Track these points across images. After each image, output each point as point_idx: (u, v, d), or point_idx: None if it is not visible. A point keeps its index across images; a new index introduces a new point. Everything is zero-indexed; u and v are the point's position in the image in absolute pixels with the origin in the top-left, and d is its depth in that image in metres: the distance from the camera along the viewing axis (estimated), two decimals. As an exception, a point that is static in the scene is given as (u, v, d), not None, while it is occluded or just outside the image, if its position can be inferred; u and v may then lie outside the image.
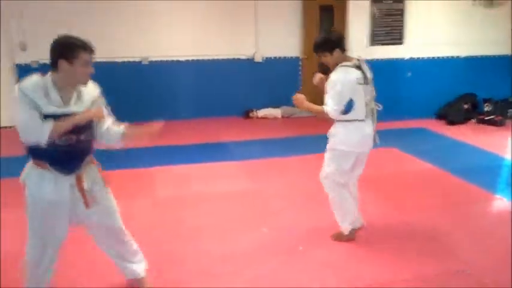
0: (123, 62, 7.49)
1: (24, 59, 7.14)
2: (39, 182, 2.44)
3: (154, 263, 3.22)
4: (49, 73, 2.42)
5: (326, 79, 3.28)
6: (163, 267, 3.21)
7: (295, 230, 3.70)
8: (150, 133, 2.74)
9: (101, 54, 7.23)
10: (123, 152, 5.93)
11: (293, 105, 8.14)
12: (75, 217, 2.56)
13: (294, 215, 4.01)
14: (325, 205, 4.07)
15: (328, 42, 3.25)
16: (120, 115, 7.63)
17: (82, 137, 2.47)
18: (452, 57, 8.07)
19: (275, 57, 8.04)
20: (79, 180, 2.49)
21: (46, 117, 2.31)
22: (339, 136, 3.33)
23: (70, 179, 2.47)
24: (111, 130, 2.67)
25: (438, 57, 8.02)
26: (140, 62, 7.54)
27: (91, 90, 2.57)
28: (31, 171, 2.47)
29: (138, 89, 7.64)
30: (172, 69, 7.71)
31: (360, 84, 3.19)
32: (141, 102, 7.64)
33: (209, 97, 7.85)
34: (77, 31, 7.68)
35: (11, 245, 3.38)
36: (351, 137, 3.29)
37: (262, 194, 4.52)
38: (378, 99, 3.42)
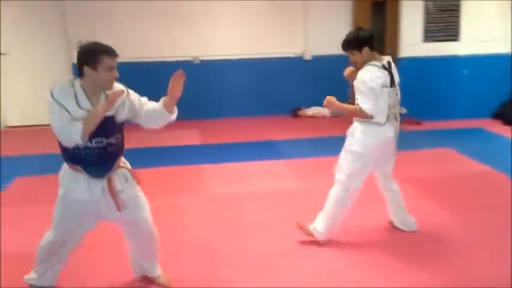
0: (175, 62, 7.64)
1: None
2: (73, 183, 2.55)
3: (208, 260, 3.29)
4: (78, 79, 2.50)
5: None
6: (217, 264, 3.25)
7: (344, 228, 3.65)
8: (177, 83, 2.87)
9: (153, 54, 7.58)
10: (174, 149, 6.13)
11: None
12: (105, 216, 2.67)
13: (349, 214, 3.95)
14: (374, 205, 4.03)
15: (357, 40, 3.17)
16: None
17: (112, 140, 2.56)
18: (509, 54, 7.72)
19: (324, 55, 7.96)
20: (110, 183, 2.58)
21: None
22: (357, 137, 3.22)
23: (102, 182, 2.57)
24: (149, 111, 2.76)
25: (495, 54, 7.68)
26: (191, 61, 7.67)
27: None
28: (66, 172, 2.59)
29: (188, 88, 7.65)
30: (222, 68, 7.79)
31: (385, 86, 3.08)
32: (192, 100, 7.72)
33: (258, 95, 7.88)
34: (130, 31, 7.97)
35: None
36: (368, 140, 3.19)
37: (311, 192, 4.48)
38: (432, 97, 3.33)
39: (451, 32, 7.45)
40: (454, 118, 7.22)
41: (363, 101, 3.09)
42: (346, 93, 8.08)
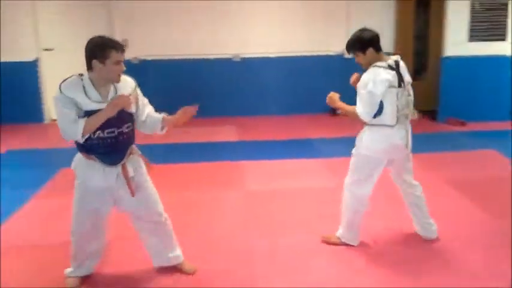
0: (216, 59, 7.74)
1: (125, 55, 7.59)
2: (89, 171, 2.67)
3: (243, 255, 3.33)
4: (87, 73, 2.61)
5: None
6: (251, 260, 3.29)
7: (379, 230, 3.61)
8: (186, 117, 2.86)
9: (194, 51, 7.69)
10: (211, 145, 6.21)
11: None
12: (118, 202, 2.79)
13: (380, 215, 3.90)
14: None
15: (360, 41, 3.05)
16: (211, 109, 7.96)
17: (123, 129, 2.66)
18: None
19: (366, 54, 7.86)
20: (124, 170, 2.69)
21: (87, 112, 2.52)
22: (365, 141, 3.14)
23: (116, 169, 2.68)
24: (151, 118, 2.82)
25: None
26: (231, 58, 7.73)
27: (127, 84, 2.73)
28: (81, 161, 2.71)
29: (228, 85, 7.85)
30: (262, 66, 7.83)
31: (392, 87, 2.96)
32: (232, 97, 7.85)
33: (297, 93, 7.87)
34: (173, 29, 8.12)
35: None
36: (376, 143, 3.10)
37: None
38: (477, 97, 3.22)
39: (497, 32, 7.20)
40: (499, 120, 7.00)
41: (358, 105, 3.02)
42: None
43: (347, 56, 7.62)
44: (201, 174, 5.09)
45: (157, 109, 2.96)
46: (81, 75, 2.62)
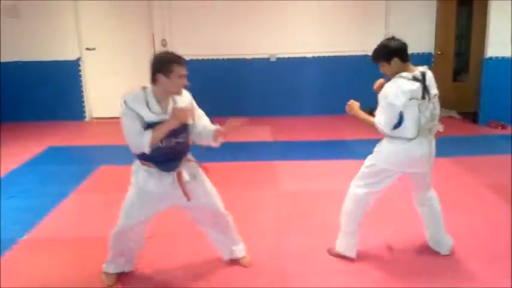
0: (252, 59, 7.76)
1: (163, 55, 7.72)
2: (147, 177, 2.78)
3: (275, 254, 3.33)
4: (150, 86, 2.73)
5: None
6: (283, 260, 3.29)
7: (421, 234, 3.53)
8: (233, 129, 2.92)
9: (231, 51, 7.74)
10: (246, 145, 6.23)
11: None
12: (177, 204, 2.92)
13: (419, 219, 3.83)
14: (454, 211, 3.88)
15: (385, 50, 2.97)
16: (247, 109, 7.99)
17: (179, 139, 2.79)
18: None
19: (405, 54, 7.72)
20: (179, 177, 2.80)
21: (148, 125, 2.65)
22: (382, 152, 3.03)
23: (172, 175, 2.80)
24: (205, 130, 2.93)
25: None
26: (268, 58, 7.74)
27: (184, 98, 2.85)
28: (139, 168, 2.82)
29: (265, 85, 7.86)
30: (298, 66, 7.80)
31: (415, 99, 2.83)
32: (267, 97, 7.86)
33: (333, 93, 7.79)
34: (211, 29, 8.17)
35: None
36: (394, 156, 2.98)
37: (386, 194, 4.38)
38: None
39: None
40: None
41: (378, 115, 2.94)
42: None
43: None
44: (235, 174, 5.12)
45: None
46: (144, 87, 2.74)
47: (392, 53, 2.95)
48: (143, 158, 2.77)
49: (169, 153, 2.76)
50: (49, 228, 3.86)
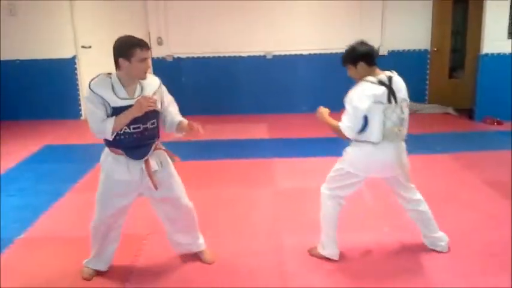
0: (248, 56, 7.76)
1: (160, 52, 7.73)
2: (114, 165, 2.78)
3: (273, 252, 3.33)
4: (115, 71, 2.73)
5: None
6: (282, 258, 3.29)
7: (418, 230, 3.54)
8: (193, 131, 2.88)
9: (227, 49, 7.74)
10: (243, 143, 6.24)
11: (420, 101, 7.75)
12: (144, 193, 2.92)
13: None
14: (451, 207, 3.90)
15: (352, 54, 2.96)
16: (243, 107, 7.98)
17: (148, 125, 2.77)
18: None
19: (401, 50, 7.75)
20: (147, 165, 2.79)
21: (115, 109, 2.65)
22: (349, 157, 3.03)
23: (140, 163, 2.78)
24: (172, 119, 2.91)
25: None
26: (264, 56, 7.74)
27: (152, 82, 2.83)
28: (108, 156, 2.82)
29: (261, 82, 7.86)
30: (294, 63, 7.80)
31: (380, 103, 2.82)
32: (264, 95, 7.86)
33: (329, 91, 7.77)
34: (207, 27, 8.15)
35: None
36: (359, 161, 2.98)
37: (383, 191, 4.40)
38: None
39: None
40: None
41: (343, 120, 2.94)
42: (424, 90, 7.85)
43: (382, 53, 7.60)
44: (232, 171, 5.12)
45: (191, 105, 3.01)
46: (109, 74, 2.74)
47: (358, 57, 2.94)
48: (112, 144, 2.77)
49: (137, 139, 2.74)
50: (46, 226, 3.86)
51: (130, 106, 2.66)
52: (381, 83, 2.87)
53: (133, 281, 3.04)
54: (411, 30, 7.72)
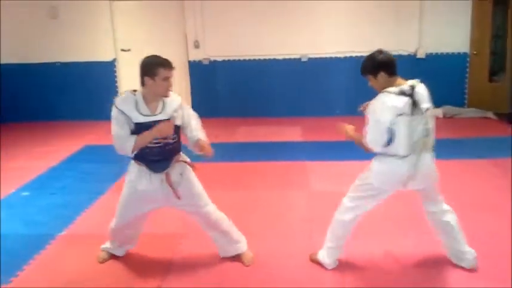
0: (284, 59, 7.79)
1: (196, 56, 7.85)
2: (138, 175, 2.98)
3: (306, 254, 3.34)
4: (140, 88, 2.92)
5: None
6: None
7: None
8: (204, 151, 2.99)
9: (262, 52, 7.79)
10: (277, 145, 6.26)
11: (459, 105, 7.58)
12: (166, 203, 3.07)
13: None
14: (489, 214, 3.82)
15: (371, 64, 2.89)
16: (278, 109, 7.98)
17: (169, 140, 2.92)
18: None
19: (439, 53, 7.61)
20: (168, 177, 2.96)
21: (137, 125, 2.84)
22: (375, 169, 2.93)
23: (161, 176, 2.95)
24: (192, 136, 3.05)
25: None
26: (299, 58, 7.75)
27: (174, 100, 2.98)
28: (133, 166, 3.03)
29: (296, 85, 7.87)
30: (330, 66, 7.78)
31: (403, 114, 2.71)
32: (299, 98, 7.88)
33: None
34: (242, 30, 8.20)
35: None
36: (385, 174, 2.89)
37: (415, 196, 4.34)
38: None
39: None
40: None
41: (367, 134, 2.86)
42: (463, 94, 7.68)
43: (420, 56, 7.49)
44: (267, 173, 5.16)
45: (227, 107, 3.09)
46: (134, 91, 2.93)
47: (378, 67, 2.86)
48: (136, 157, 2.97)
49: (159, 153, 2.90)
50: (87, 224, 3.99)
51: (151, 122, 2.84)
52: (402, 93, 2.76)
53: (170, 280, 3.10)
54: (450, 32, 7.58)
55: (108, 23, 7.84)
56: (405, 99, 2.74)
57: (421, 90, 2.85)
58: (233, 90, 7.87)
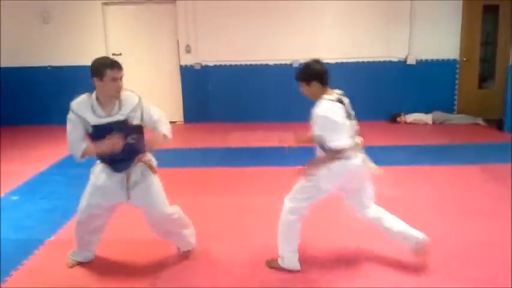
0: (275, 65, 7.81)
1: (188, 60, 7.85)
2: (100, 173, 3.05)
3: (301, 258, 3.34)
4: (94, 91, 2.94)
5: None
6: (308, 264, 3.30)
7: (445, 243, 3.51)
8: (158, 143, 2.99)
9: (255, 57, 7.81)
10: (271, 150, 6.26)
11: (448, 112, 7.65)
12: (125, 201, 3.08)
13: (443, 227, 3.80)
14: (479, 219, 3.84)
15: (306, 72, 3.01)
16: (270, 115, 7.99)
17: (128, 140, 2.88)
18: None
19: (430, 60, 7.68)
20: (128, 178, 2.99)
21: (94, 127, 2.87)
22: (320, 171, 3.01)
23: (121, 175, 3.00)
24: (157, 132, 3.02)
25: None
26: (291, 64, 7.77)
27: (130, 100, 2.98)
28: (98, 165, 3.10)
29: (288, 90, 7.84)
30: (321, 72, 7.80)
31: (344, 118, 2.94)
32: (291, 103, 7.88)
33: (356, 99, 7.69)
34: (234, 34, 8.19)
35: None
36: (330, 175, 2.99)
37: (408, 202, 4.37)
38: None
39: None
40: None
41: (329, 138, 2.91)
42: (453, 100, 7.75)
43: (410, 62, 7.55)
44: (258, 179, 5.15)
45: (218, 113, 3.11)
46: (90, 93, 2.97)
47: (312, 76, 3.00)
48: (98, 158, 3.04)
49: (118, 154, 2.87)
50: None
51: (108, 124, 2.86)
52: (339, 100, 2.98)
53: (161, 284, 3.09)
54: (440, 39, 7.65)
55: (100, 27, 7.83)
56: (341, 106, 2.96)
57: (347, 100, 3.08)
58: (225, 95, 7.87)
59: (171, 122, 3.13)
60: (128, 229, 3.84)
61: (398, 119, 7.67)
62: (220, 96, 7.87)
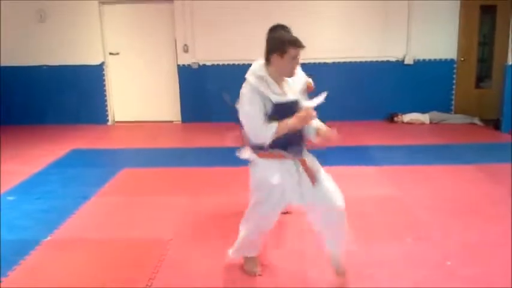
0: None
1: (185, 60, 7.83)
2: (266, 169, 2.71)
3: (298, 260, 3.33)
4: (263, 66, 2.70)
5: None
6: (304, 263, 3.30)
7: (442, 242, 3.51)
8: (330, 137, 2.83)
9: (252, 57, 7.73)
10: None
11: (445, 111, 7.64)
12: (299, 197, 2.77)
13: (440, 227, 3.80)
14: (476, 219, 3.84)
15: None
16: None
17: None
18: None
19: (427, 60, 7.68)
20: (303, 162, 2.72)
21: (276, 105, 2.59)
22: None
23: (294, 164, 2.71)
24: (311, 124, 2.81)
25: None
26: (288, 63, 7.76)
27: (300, 79, 2.80)
28: (259, 162, 2.76)
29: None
30: (318, 72, 7.75)
31: None
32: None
33: (354, 99, 7.77)
34: (232, 34, 8.17)
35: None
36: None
37: (406, 202, 4.37)
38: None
39: None
40: None
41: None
42: (450, 100, 7.76)
43: (407, 62, 7.55)
44: (232, 178, 5.13)
45: (216, 112, 3.05)
46: (262, 65, 2.70)
47: None
48: (270, 146, 2.68)
49: (293, 136, 2.67)
50: (72, 229, 3.94)
51: (290, 102, 2.65)
52: None
53: (158, 284, 3.08)
54: (437, 39, 7.66)
55: (97, 26, 7.81)
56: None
57: None
58: (221, 95, 7.85)
59: (168, 122, 3.07)
60: (126, 228, 3.84)
61: (395, 118, 7.67)
62: (218, 96, 7.82)
